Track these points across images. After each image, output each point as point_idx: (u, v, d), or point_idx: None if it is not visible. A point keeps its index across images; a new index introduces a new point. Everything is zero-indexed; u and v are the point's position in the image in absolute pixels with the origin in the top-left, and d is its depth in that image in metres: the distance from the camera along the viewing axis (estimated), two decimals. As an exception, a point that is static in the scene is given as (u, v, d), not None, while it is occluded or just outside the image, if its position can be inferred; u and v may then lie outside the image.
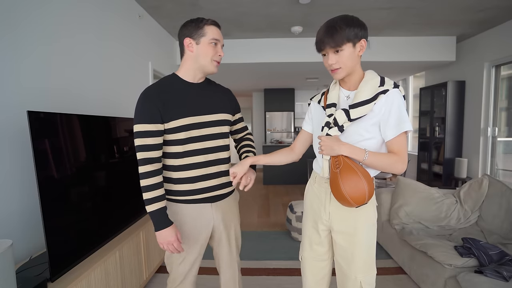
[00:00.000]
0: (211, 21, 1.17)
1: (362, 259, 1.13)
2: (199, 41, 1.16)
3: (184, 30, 1.18)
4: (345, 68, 1.06)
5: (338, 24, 1.02)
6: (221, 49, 1.21)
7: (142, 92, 1.18)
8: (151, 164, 1.14)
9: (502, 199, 2.17)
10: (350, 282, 1.16)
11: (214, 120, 1.23)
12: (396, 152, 1.04)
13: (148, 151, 1.14)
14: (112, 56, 2.38)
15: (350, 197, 0.99)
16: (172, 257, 1.25)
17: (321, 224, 1.20)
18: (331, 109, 1.12)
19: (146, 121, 1.13)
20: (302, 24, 3.56)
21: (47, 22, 1.68)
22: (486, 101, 3.89)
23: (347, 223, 1.14)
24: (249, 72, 5.04)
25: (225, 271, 1.38)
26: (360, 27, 1.03)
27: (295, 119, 7.96)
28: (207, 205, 1.25)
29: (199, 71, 1.22)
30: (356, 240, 1.13)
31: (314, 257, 1.26)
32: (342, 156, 1.05)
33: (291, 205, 3.16)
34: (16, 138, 1.43)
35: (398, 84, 1.07)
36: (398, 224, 2.45)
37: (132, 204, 2.07)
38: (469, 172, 4.17)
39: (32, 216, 1.52)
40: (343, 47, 1.02)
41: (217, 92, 1.30)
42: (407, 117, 1.04)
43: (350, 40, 1.02)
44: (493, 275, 1.55)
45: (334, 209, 1.16)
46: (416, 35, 4.05)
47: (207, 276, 2.24)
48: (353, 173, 1.00)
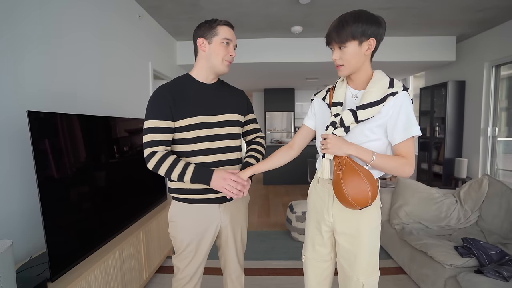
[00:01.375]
0: (224, 22, 1.19)
1: (364, 261, 1.12)
2: (211, 40, 1.18)
3: (198, 30, 1.21)
4: (348, 66, 1.04)
5: (346, 19, 0.99)
6: (233, 49, 1.23)
7: (155, 90, 1.19)
8: (158, 152, 1.14)
9: (502, 199, 2.17)
10: (352, 284, 1.14)
11: (225, 121, 1.24)
12: (404, 156, 1.02)
13: (157, 146, 1.14)
14: (112, 56, 2.38)
15: (352, 199, 0.97)
16: (179, 258, 1.25)
17: (324, 225, 1.19)
18: (337, 108, 1.09)
19: (157, 118, 1.14)
20: (302, 24, 3.56)
21: (46, 22, 1.68)
22: (486, 101, 3.89)
23: (350, 225, 1.13)
24: (249, 72, 5.04)
25: (231, 273, 1.38)
26: (371, 24, 0.98)
27: (295, 119, 7.96)
28: (215, 206, 1.25)
29: (210, 71, 1.23)
30: (359, 242, 1.11)
31: (316, 258, 1.25)
32: (345, 157, 1.03)
33: (291, 205, 3.16)
34: (16, 138, 1.43)
35: (407, 87, 1.04)
36: (398, 224, 2.45)
37: (132, 204, 2.07)
38: (469, 172, 4.17)
39: (32, 216, 1.52)
40: (346, 44, 1.00)
41: (229, 92, 1.31)
42: (416, 121, 1.02)
43: (355, 38, 0.99)
44: (493, 275, 1.55)
45: (337, 211, 1.15)
46: (416, 35, 4.05)
47: (207, 276, 2.24)
48: (356, 175, 0.98)
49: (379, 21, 1.01)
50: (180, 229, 1.23)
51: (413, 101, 1.06)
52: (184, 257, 1.24)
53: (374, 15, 1.01)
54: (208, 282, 2.17)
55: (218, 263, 1.43)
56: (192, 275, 1.25)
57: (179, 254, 1.25)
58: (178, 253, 1.26)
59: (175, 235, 1.25)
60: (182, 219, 1.23)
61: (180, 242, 1.24)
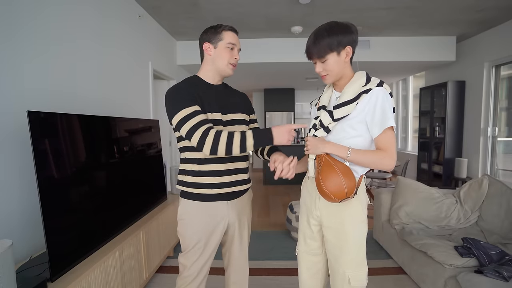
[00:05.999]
0: (229, 27, 1.25)
1: (350, 254, 1.16)
2: (217, 45, 1.24)
3: (204, 35, 1.26)
4: (332, 74, 1.14)
5: (321, 34, 1.09)
6: (237, 53, 1.29)
7: (171, 87, 1.21)
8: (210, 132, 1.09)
9: (502, 199, 2.17)
10: (338, 277, 1.18)
11: (236, 119, 1.29)
12: (383, 149, 1.08)
13: (203, 125, 1.10)
14: (112, 56, 2.38)
15: (329, 192, 1.06)
16: (187, 256, 1.26)
17: (312, 219, 1.26)
18: (320, 111, 1.19)
19: (189, 105, 1.13)
20: (302, 24, 3.56)
21: (47, 22, 1.68)
22: (486, 101, 3.89)
23: (335, 219, 1.18)
24: (249, 72, 5.04)
25: (237, 271, 1.39)
26: (344, 34, 1.07)
27: (295, 119, 7.96)
28: (223, 203, 1.27)
29: (216, 73, 1.28)
30: (344, 235, 1.16)
31: (307, 251, 1.31)
32: (324, 155, 1.11)
33: (291, 205, 3.16)
34: (16, 138, 1.44)
35: (382, 81, 1.10)
36: (398, 224, 2.45)
37: (132, 204, 2.07)
38: (469, 172, 4.17)
39: (32, 216, 1.52)
40: (326, 57, 1.09)
41: (234, 93, 1.39)
42: (391, 113, 1.07)
43: (333, 50, 1.08)
44: (493, 275, 1.55)
45: (323, 205, 1.21)
46: (416, 35, 4.05)
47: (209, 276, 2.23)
48: (332, 170, 1.07)
49: (351, 29, 1.10)
50: (189, 227, 1.25)
51: (392, 95, 1.11)
52: (192, 254, 1.25)
53: (344, 23, 1.11)
54: (208, 282, 2.17)
55: (220, 263, 1.43)
56: (198, 272, 1.26)
57: (187, 252, 1.26)
58: (186, 251, 1.26)
59: (184, 233, 1.26)
60: (191, 217, 1.25)
61: (189, 240, 1.25)
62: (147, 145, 2.37)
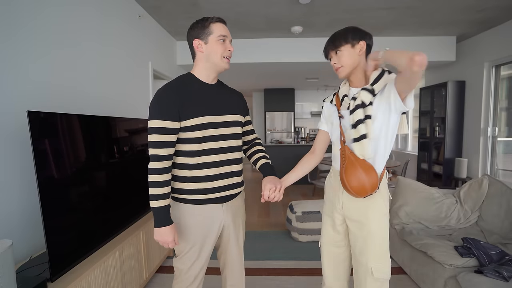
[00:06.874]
0: (216, 19, 1.18)
1: (373, 246, 1.21)
2: (207, 40, 1.17)
3: (192, 32, 1.19)
4: (346, 66, 1.19)
5: (337, 32, 1.21)
6: (230, 44, 1.22)
7: (160, 89, 1.17)
8: (163, 162, 1.14)
9: (502, 199, 2.17)
10: (362, 268, 1.23)
11: (229, 121, 1.24)
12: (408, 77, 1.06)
13: (162, 148, 1.14)
14: (112, 56, 2.38)
15: (352, 188, 1.15)
16: (182, 260, 1.24)
17: (336, 213, 1.31)
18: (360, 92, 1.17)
19: (163, 118, 1.12)
20: (302, 24, 3.56)
21: (47, 22, 1.68)
22: (486, 101, 3.89)
23: (359, 212, 1.24)
24: (249, 72, 5.04)
25: (234, 272, 1.38)
26: (359, 32, 1.17)
27: (295, 119, 7.97)
28: (218, 205, 1.25)
29: (212, 71, 1.23)
30: (367, 227, 1.21)
31: (330, 243, 1.36)
32: (348, 153, 1.19)
33: (291, 205, 3.16)
34: (16, 138, 1.44)
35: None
36: (398, 224, 2.45)
37: (132, 204, 2.07)
38: (469, 172, 4.17)
39: (32, 216, 1.52)
40: (341, 48, 1.17)
41: (230, 93, 1.32)
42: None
43: (347, 42, 1.16)
44: (493, 275, 1.55)
45: (346, 199, 1.26)
46: (416, 35, 4.05)
47: (207, 276, 2.23)
48: (355, 168, 1.15)
49: (366, 31, 1.20)
50: (184, 230, 1.22)
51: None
52: (188, 258, 1.23)
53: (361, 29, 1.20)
54: (207, 282, 2.17)
55: (217, 262, 1.42)
56: (195, 276, 1.25)
57: (182, 257, 1.23)
58: (181, 255, 1.24)
59: (179, 237, 1.23)
60: (186, 220, 1.22)
61: (184, 243, 1.22)
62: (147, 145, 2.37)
